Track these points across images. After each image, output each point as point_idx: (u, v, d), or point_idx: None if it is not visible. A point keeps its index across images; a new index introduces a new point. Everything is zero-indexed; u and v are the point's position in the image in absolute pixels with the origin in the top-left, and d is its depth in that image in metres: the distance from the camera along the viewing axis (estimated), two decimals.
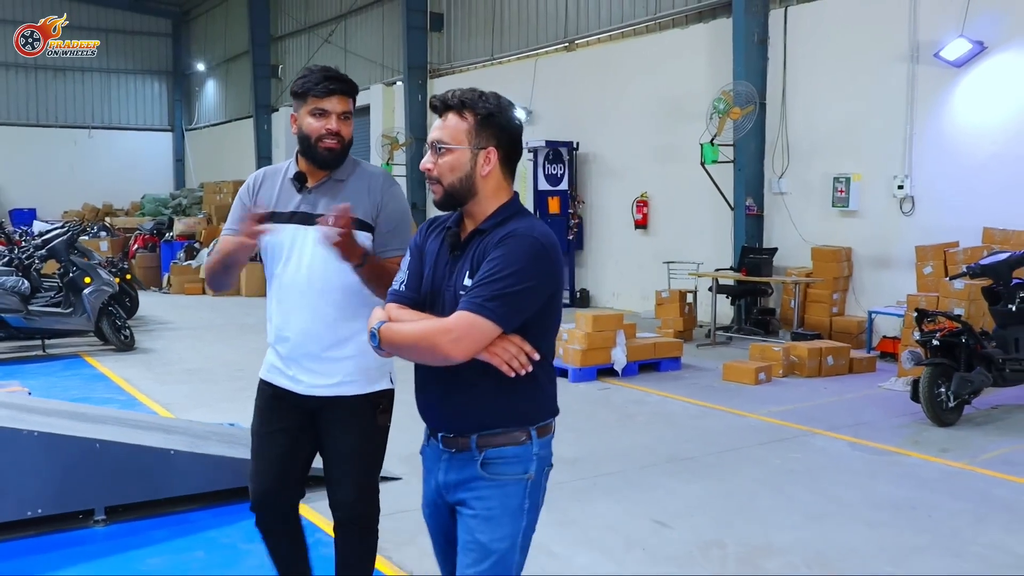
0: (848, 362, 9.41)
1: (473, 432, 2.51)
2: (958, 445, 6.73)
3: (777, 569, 4.43)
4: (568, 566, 4.51)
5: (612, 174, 14.77)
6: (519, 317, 2.39)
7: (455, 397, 2.52)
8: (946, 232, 9.93)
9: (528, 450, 2.52)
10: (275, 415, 3.29)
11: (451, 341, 2.34)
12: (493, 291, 2.35)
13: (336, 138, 3.13)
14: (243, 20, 27.74)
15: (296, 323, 3.20)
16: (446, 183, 2.49)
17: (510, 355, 2.40)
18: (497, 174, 2.51)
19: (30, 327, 10.20)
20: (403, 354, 2.48)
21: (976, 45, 9.71)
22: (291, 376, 3.23)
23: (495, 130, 2.49)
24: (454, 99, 2.49)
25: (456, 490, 2.55)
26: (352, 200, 3.08)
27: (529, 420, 2.53)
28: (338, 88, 3.13)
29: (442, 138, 2.48)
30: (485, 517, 2.49)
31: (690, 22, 13.49)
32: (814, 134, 11.60)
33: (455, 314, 2.38)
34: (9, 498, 4.77)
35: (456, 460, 2.54)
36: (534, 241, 2.40)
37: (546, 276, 2.40)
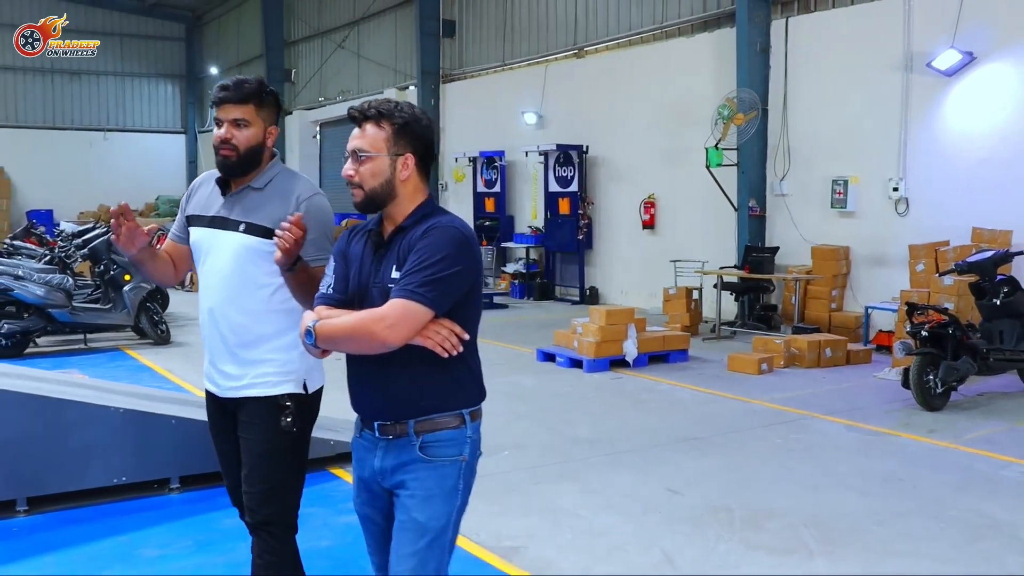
0: (845, 354, 10.02)
1: (410, 418, 2.64)
2: (944, 427, 7.34)
3: (778, 529, 5.04)
4: (592, 525, 5.12)
5: (620, 176, 15.37)
6: (449, 300, 2.56)
7: (391, 385, 2.65)
8: (938, 232, 10.53)
9: (463, 433, 2.68)
10: (213, 418, 3.39)
11: (387, 327, 2.49)
12: (423, 277, 2.51)
13: (228, 146, 3.15)
14: (256, 25, 28.37)
15: (208, 324, 3.27)
16: (367, 188, 2.66)
17: (442, 337, 2.55)
18: (415, 178, 2.70)
19: (74, 322, 10.81)
20: (340, 346, 2.61)
21: (966, 55, 10.32)
22: (211, 377, 3.32)
23: (410, 138, 2.67)
24: (371, 110, 2.67)
25: (394, 474, 2.67)
26: (263, 208, 3.17)
27: (463, 403, 2.69)
28: (226, 96, 3.15)
29: (362, 146, 2.65)
30: (423, 497, 2.63)
31: (695, 31, 14.10)
32: (814, 139, 12.20)
33: (389, 302, 2.52)
34: (98, 467, 5.41)
35: (393, 446, 2.67)
36: (456, 231, 2.60)
37: (470, 262, 2.60)
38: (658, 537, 4.91)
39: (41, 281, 10.60)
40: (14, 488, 5.20)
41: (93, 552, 4.78)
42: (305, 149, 25.58)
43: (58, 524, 5.13)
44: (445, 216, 2.67)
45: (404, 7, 21.13)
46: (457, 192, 19.37)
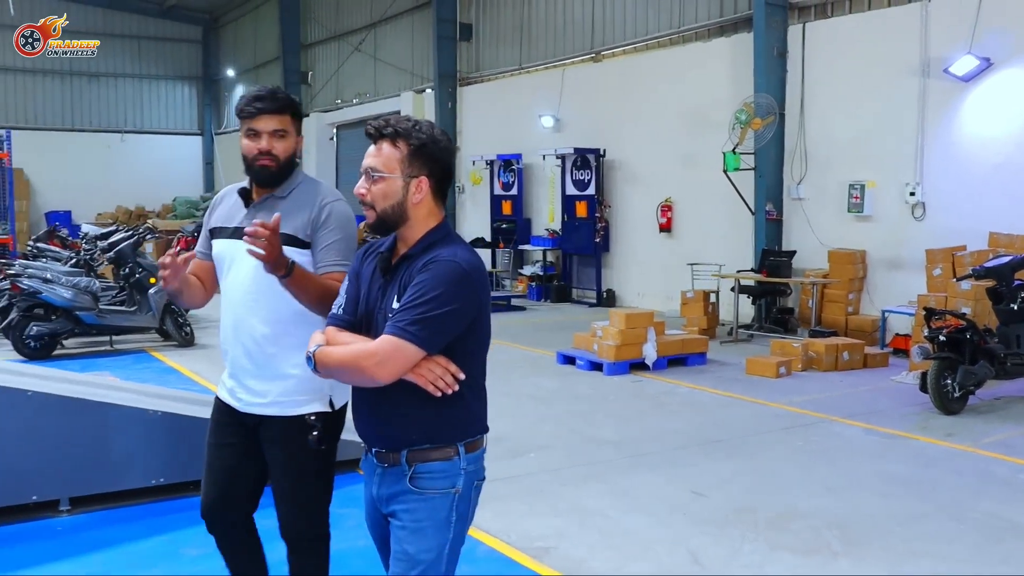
0: (863, 357, 10.12)
1: (403, 448, 2.60)
2: (962, 430, 7.44)
3: (801, 530, 5.16)
4: (619, 526, 5.25)
5: (637, 180, 15.49)
6: (442, 340, 2.49)
7: (385, 415, 2.61)
8: (954, 236, 10.62)
9: (456, 465, 2.61)
10: (222, 429, 3.33)
11: (376, 364, 2.44)
12: (415, 315, 2.44)
13: (269, 157, 3.14)
14: (273, 27, 28.57)
15: (231, 338, 3.24)
16: (379, 209, 2.58)
17: (435, 376, 2.49)
18: (428, 202, 2.60)
19: (101, 324, 10.99)
20: (336, 376, 2.60)
21: (983, 61, 10.40)
22: (232, 391, 3.28)
23: (426, 160, 2.57)
24: (388, 128, 2.57)
25: (388, 502, 2.65)
26: (287, 216, 3.11)
27: (457, 437, 2.61)
28: (265, 107, 3.13)
29: (376, 166, 2.57)
30: (413, 529, 2.59)
31: (712, 36, 14.20)
32: (830, 143, 12.30)
33: (380, 338, 2.48)
34: (137, 468, 5.56)
35: (388, 474, 2.64)
36: (455, 266, 2.49)
37: (468, 299, 2.50)
38: (684, 537, 5.04)
39: (68, 284, 10.80)
40: (58, 488, 5.36)
41: (137, 551, 4.92)
42: (322, 152, 25.76)
43: (100, 524, 5.28)
44: (449, 248, 2.56)
45: (421, 10, 21.29)
46: (474, 195, 19.52)
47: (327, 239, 3.15)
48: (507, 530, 5.01)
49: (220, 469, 3.33)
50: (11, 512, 5.23)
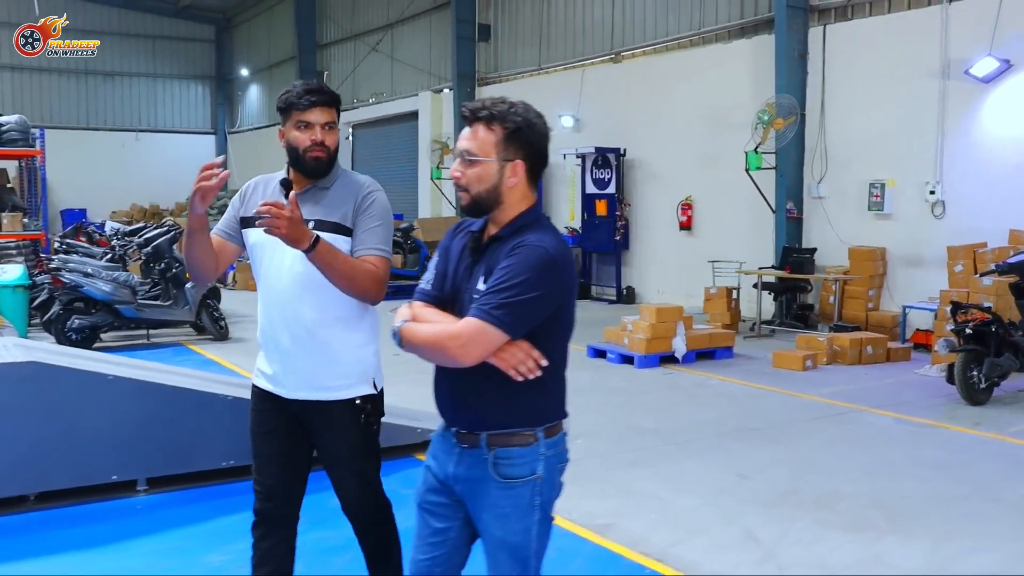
0: (886, 351, 10.37)
1: (483, 431, 2.60)
2: (989, 420, 7.69)
3: (847, 510, 5.42)
4: (671, 506, 5.51)
5: (657, 179, 15.74)
6: (526, 325, 2.47)
7: (466, 397, 2.61)
8: (974, 234, 10.86)
9: (535, 451, 2.60)
10: (265, 417, 3.37)
11: (460, 347, 2.44)
12: (501, 299, 2.43)
13: (322, 148, 3.19)
14: (288, 27, 28.85)
15: (277, 326, 3.25)
16: (473, 192, 2.57)
17: (518, 360, 2.48)
18: (522, 185, 2.59)
19: (140, 317, 11.26)
20: (420, 354, 2.58)
21: (1003, 63, 10.65)
22: (275, 378, 3.30)
23: (522, 143, 2.56)
24: (484, 111, 2.56)
25: (468, 484, 2.65)
26: (332, 205, 3.21)
27: (536, 422, 2.60)
28: (319, 100, 3.21)
29: (471, 149, 2.55)
30: (497, 515, 2.60)
31: (732, 37, 14.45)
32: (851, 143, 12.54)
33: (464, 320, 2.48)
34: (208, 450, 5.82)
35: (468, 456, 2.63)
36: (543, 252, 2.47)
37: (553, 286, 2.48)
38: (736, 516, 5.30)
39: (108, 278, 11.07)
40: (135, 469, 5.63)
41: (212, 529, 5.16)
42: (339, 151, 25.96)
43: (176, 503, 5.53)
44: (537, 233, 2.54)
45: (439, 11, 21.55)
46: None
47: (368, 224, 3.20)
48: (569, 509, 5.26)
49: (270, 456, 3.38)
50: (92, 491, 5.49)
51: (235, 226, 3.37)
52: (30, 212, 15.16)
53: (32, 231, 14.58)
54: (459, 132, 2.74)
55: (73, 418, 5.39)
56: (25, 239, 14.31)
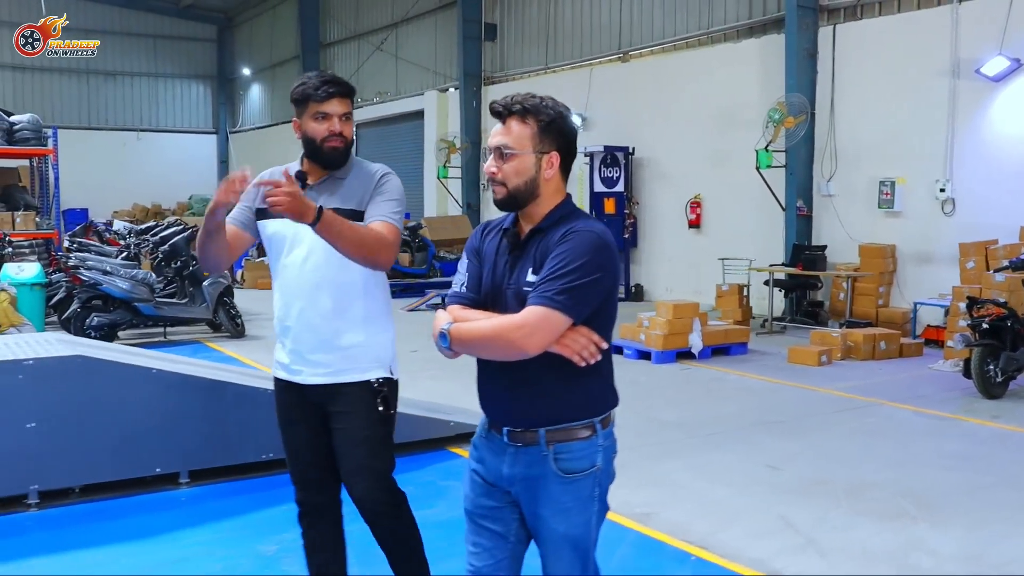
0: (899, 347, 10.50)
1: (541, 426, 2.59)
2: (1007, 413, 7.81)
3: (878, 499, 5.53)
4: (707, 495, 5.62)
5: (665, 177, 15.86)
6: (587, 309, 2.49)
7: (522, 391, 2.60)
8: (984, 231, 10.99)
9: (594, 443, 2.61)
10: (288, 408, 3.43)
11: (525, 336, 2.44)
12: (562, 285, 2.44)
13: (339, 138, 3.24)
14: (290, 27, 28.93)
15: (295, 314, 3.29)
16: (511, 186, 2.59)
17: (580, 346, 2.49)
18: (557, 177, 2.63)
19: (158, 315, 11.34)
20: (475, 351, 2.57)
21: (1014, 62, 10.79)
22: (292, 367, 3.35)
23: (556, 135, 2.60)
24: (516, 106, 2.59)
25: (525, 483, 2.63)
26: (349, 194, 3.26)
27: (594, 412, 2.62)
28: (337, 91, 3.25)
29: (508, 143, 2.58)
30: (558, 510, 2.60)
31: (741, 36, 14.58)
32: (860, 141, 12.67)
33: (526, 309, 2.47)
34: (250, 443, 5.91)
35: (523, 454, 2.62)
36: (595, 236, 2.51)
37: (608, 269, 2.52)
38: (770, 505, 5.41)
39: (127, 276, 11.15)
40: (178, 461, 5.71)
41: (263, 519, 5.26)
42: None
43: (218, 496, 5.62)
44: (584, 220, 2.60)
45: (444, 10, 21.67)
46: None
47: (379, 199, 3.25)
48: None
49: (299, 446, 3.43)
50: (133, 484, 5.58)
51: (250, 216, 3.39)
52: (42, 211, 15.21)
53: (45, 230, 14.64)
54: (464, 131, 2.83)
55: (118, 411, 5.48)
56: (38, 238, 14.38)
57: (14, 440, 5.20)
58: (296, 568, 4.35)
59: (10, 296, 10.92)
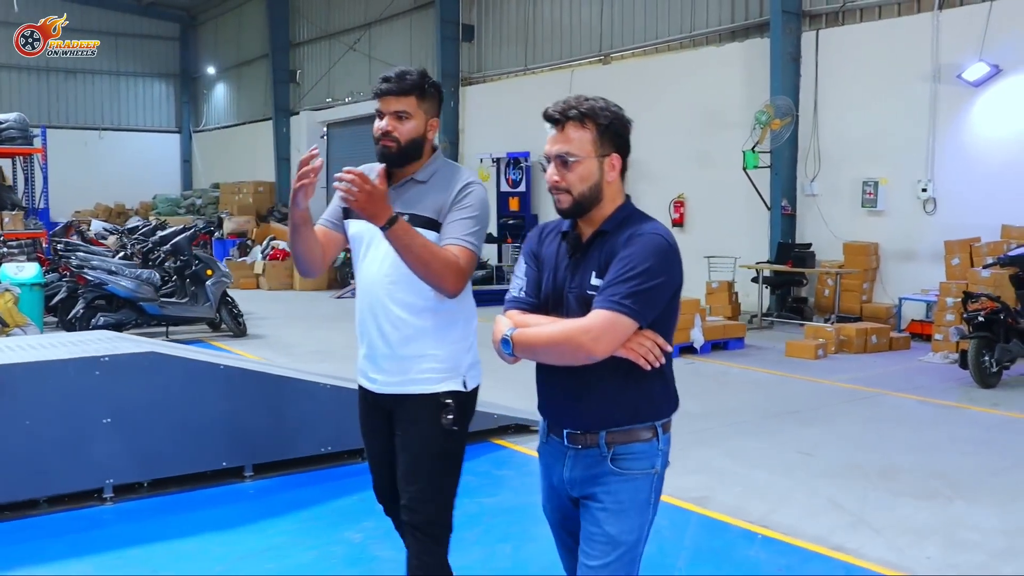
0: (888, 340, 10.98)
1: (601, 429, 2.58)
2: (1006, 401, 8.27)
3: (911, 481, 5.90)
4: (752, 480, 5.94)
5: (649, 177, 16.18)
6: (652, 313, 2.48)
7: (584, 395, 2.58)
8: (965, 230, 11.49)
9: (654, 447, 2.60)
10: (365, 415, 3.36)
11: (593, 339, 2.42)
12: (628, 288, 2.43)
13: (389, 138, 3.12)
14: (258, 26, 28.84)
15: (368, 320, 3.20)
16: (576, 193, 2.56)
17: (645, 349, 2.48)
18: (618, 180, 2.63)
19: (163, 314, 11.42)
20: (540, 356, 2.58)
21: (993, 68, 11.31)
22: (367, 374, 3.25)
23: (614, 137, 2.58)
24: (573, 111, 2.55)
25: (584, 485, 2.62)
26: (427, 200, 3.13)
27: (655, 415, 2.61)
28: (388, 88, 3.13)
29: (571, 150, 2.55)
30: (615, 510, 2.56)
31: (724, 40, 14.99)
32: (844, 143, 13.14)
33: (593, 313, 2.46)
34: (309, 437, 6.11)
35: (583, 456, 2.61)
36: (661, 240, 2.50)
37: (673, 273, 2.51)
38: (814, 488, 5.75)
39: (132, 275, 11.22)
40: (243, 455, 5.89)
41: (339, 508, 5.44)
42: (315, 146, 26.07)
43: (283, 488, 5.77)
44: (648, 222, 2.58)
45: (420, 11, 21.82)
46: None
47: (459, 215, 3.10)
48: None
49: (375, 454, 3.36)
50: (199, 478, 5.74)
51: (339, 215, 3.31)
52: (29, 211, 15.14)
53: (33, 230, 14.57)
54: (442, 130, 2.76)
55: (187, 406, 5.64)
56: (26, 237, 14.32)
57: (91, 435, 5.34)
58: (385, 553, 4.60)
59: (14, 296, 10.97)
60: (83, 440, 5.33)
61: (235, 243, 19.68)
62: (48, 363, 5.30)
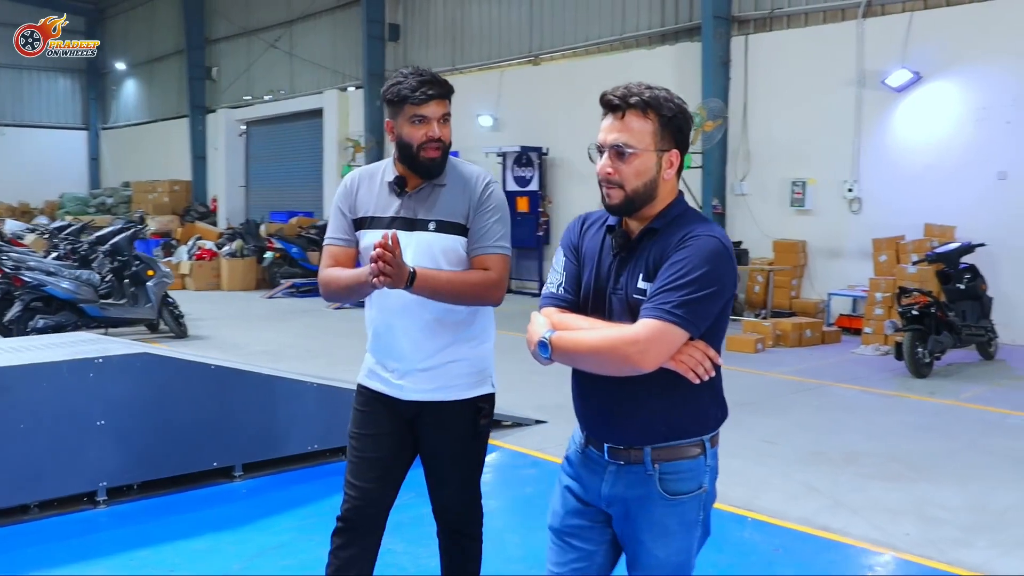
0: (821, 334, 11.49)
1: (646, 444, 2.41)
2: (940, 390, 8.79)
3: (874, 464, 6.28)
4: (727, 467, 6.18)
5: (579, 177, 16.52)
6: (705, 323, 2.30)
7: (628, 408, 2.40)
8: (889, 228, 12.10)
9: (702, 463, 2.44)
10: (375, 419, 3.24)
11: (640, 352, 2.23)
12: (680, 297, 2.24)
13: (438, 145, 3.04)
14: (171, 21, 28.27)
15: (397, 329, 3.15)
16: (629, 188, 2.37)
17: (695, 362, 2.30)
18: (675, 177, 2.44)
19: (104, 316, 11.20)
20: (580, 364, 2.40)
21: (915, 75, 11.94)
22: (391, 381, 3.19)
23: (675, 131, 2.39)
24: (635, 98, 2.34)
25: (624, 506, 2.46)
26: (452, 205, 3.08)
27: (703, 429, 2.44)
28: (436, 93, 3.01)
29: (628, 141, 2.35)
30: (661, 533, 2.42)
31: (654, 43, 15.41)
32: (772, 144, 13.67)
33: (642, 322, 2.26)
34: (297, 435, 6.17)
35: (626, 473, 2.45)
36: (717, 243, 2.31)
37: (728, 279, 2.32)
38: (788, 474, 6.08)
39: (71, 276, 10.98)
40: (233, 455, 5.91)
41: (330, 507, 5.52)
42: (231, 148, 25.73)
43: (272, 488, 5.80)
44: (702, 223, 2.39)
45: (343, 9, 21.76)
46: None
47: (484, 221, 3.08)
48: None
49: (373, 459, 3.22)
50: (188, 479, 5.73)
51: (350, 229, 3.21)
52: None
53: None
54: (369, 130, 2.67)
55: (179, 407, 5.65)
56: None
57: (86, 437, 5.31)
58: (397, 546, 4.72)
59: None
60: (78, 442, 5.29)
61: (158, 243, 19.28)
62: (43, 365, 5.25)
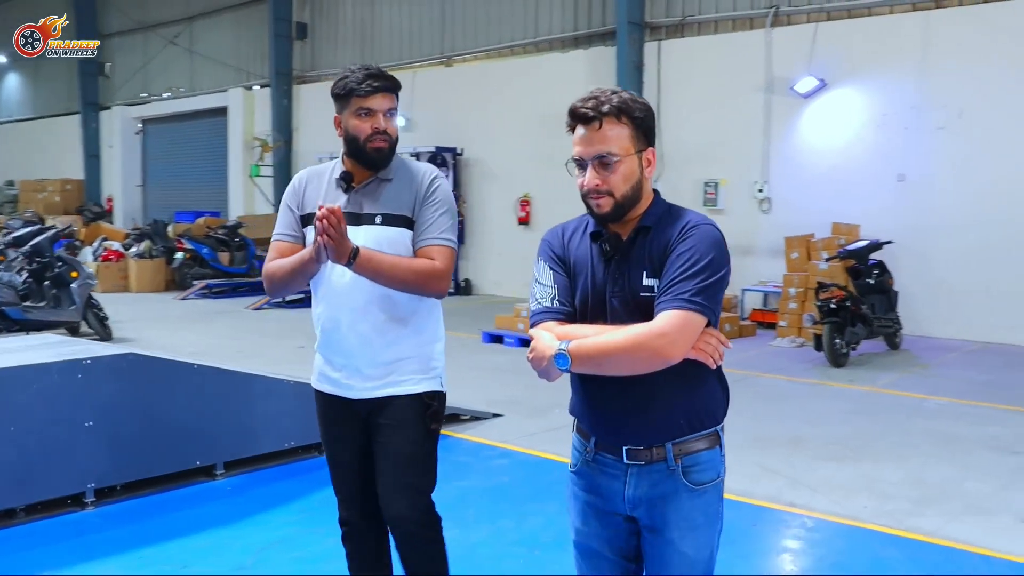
0: (738, 328, 12.09)
1: (668, 440, 2.42)
2: (858, 378, 9.44)
3: (817, 447, 6.79)
4: None
5: (493, 177, 16.86)
6: (719, 307, 2.36)
7: (646, 406, 2.40)
8: (797, 227, 12.79)
9: (718, 453, 2.49)
10: (333, 423, 3.29)
11: (669, 343, 2.24)
12: (697, 284, 2.27)
13: (384, 137, 3.07)
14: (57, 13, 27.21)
15: (344, 325, 3.15)
16: (619, 194, 2.39)
17: (712, 348, 2.34)
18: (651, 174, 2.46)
19: (26, 319, 10.93)
20: (606, 368, 2.34)
21: (821, 82, 12.68)
22: (339, 381, 3.21)
23: (647, 130, 2.43)
24: (607, 106, 2.36)
25: (651, 505, 2.46)
26: (398, 198, 3.11)
27: (716, 419, 2.49)
28: (382, 86, 3.06)
29: (611, 150, 2.37)
30: (688, 528, 2.43)
31: (567, 47, 15.84)
32: (685, 146, 14.25)
33: (664, 315, 2.27)
34: (273, 433, 6.29)
35: (648, 473, 2.45)
36: (715, 231, 2.38)
37: (728, 263, 2.39)
38: (741, 457, 6.43)
39: None
40: (215, 453, 5.99)
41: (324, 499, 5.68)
42: (127, 146, 25.07)
43: (253, 485, 5.89)
44: (694, 214, 2.44)
45: (247, 7, 21.52)
46: None
47: (429, 214, 3.11)
48: None
49: (345, 463, 3.31)
50: (168, 479, 5.79)
51: (297, 225, 3.25)
52: None
53: None
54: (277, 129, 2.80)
55: (164, 407, 5.72)
56: None
57: (75, 439, 5.34)
58: None
59: None
60: (68, 444, 5.32)
61: (61, 244, 18.64)
62: (32, 367, 5.26)
